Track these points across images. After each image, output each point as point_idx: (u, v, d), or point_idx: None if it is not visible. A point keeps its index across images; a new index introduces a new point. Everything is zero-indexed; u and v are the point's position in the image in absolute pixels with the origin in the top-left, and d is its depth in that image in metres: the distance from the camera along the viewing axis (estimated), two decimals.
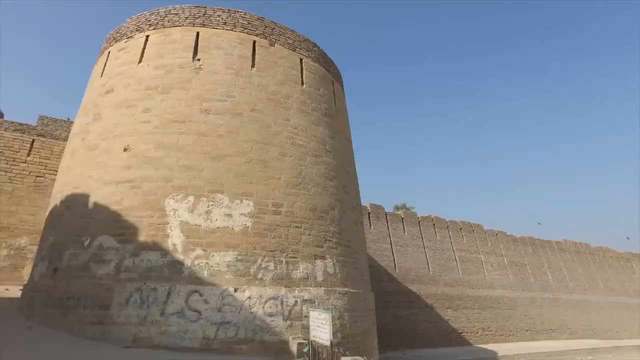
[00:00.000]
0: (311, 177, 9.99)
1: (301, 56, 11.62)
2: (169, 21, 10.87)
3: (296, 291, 8.60)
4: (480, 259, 25.46)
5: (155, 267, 8.05)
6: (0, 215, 14.37)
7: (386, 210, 23.35)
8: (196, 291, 7.87)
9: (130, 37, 11.15)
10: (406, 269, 21.68)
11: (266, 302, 8.20)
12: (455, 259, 24.32)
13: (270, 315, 8.12)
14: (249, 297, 8.10)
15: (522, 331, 24.41)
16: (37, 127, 15.78)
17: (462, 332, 21.83)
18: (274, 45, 11.10)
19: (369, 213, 22.10)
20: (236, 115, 9.61)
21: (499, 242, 27.49)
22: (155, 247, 8.23)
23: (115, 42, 11.62)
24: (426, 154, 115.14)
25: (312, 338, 7.62)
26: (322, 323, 7.42)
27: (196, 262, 8.15)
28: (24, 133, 15.48)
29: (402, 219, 23.74)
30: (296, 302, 8.49)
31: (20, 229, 14.47)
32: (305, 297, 8.65)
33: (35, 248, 13.20)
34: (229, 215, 8.66)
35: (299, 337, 8.16)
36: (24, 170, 15.09)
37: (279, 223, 9.03)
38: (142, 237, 8.35)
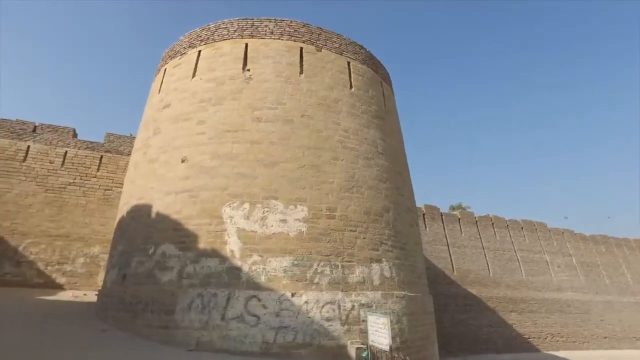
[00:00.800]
0: (364, 180, 9.90)
1: (348, 59, 11.59)
2: (218, 35, 11.27)
3: (353, 295, 8.51)
4: (545, 260, 23.97)
5: (215, 273, 8.29)
6: (76, 226, 15.54)
7: (441, 210, 22.68)
8: (254, 296, 8.00)
9: (184, 53, 11.68)
10: (465, 271, 20.89)
11: (323, 306, 8.18)
12: (518, 259, 23.08)
13: (328, 319, 8.09)
14: (306, 302, 8.11)
15: (599, 338, 22.62)
16: (104, 144, 16.95)
17: (528, 338, 20.63)
18: (321, 51, 11.16)
19: (423, 214, 21.58)
20: (287, 121, 9.74)
21: (566, 241, 25.73)
22: (214, 253, 8.49)
23: (170, 59, 12.23)
24: (479, 150, 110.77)
25: (370, 343, 7.50)
26: (381, 327, 7.29)
27: (253, 267, 8.29)
28: (93, 150, 16.69)
29: (459, 219, 22.94)
30: (353, 306, 8.41)
31: (93, 239, 15.58)
32: (363, 301, 8.54)
33: (106, 256, 14.15)
34: (284, 221, 8.75)
35: (357, 341, 8.06)
36: (94, 184, 16.25)
37: (334, 227, 9.01)
38: (202, 245, 8.64)
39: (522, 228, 24.66)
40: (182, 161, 9.61)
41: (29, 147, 16.13)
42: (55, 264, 15.10)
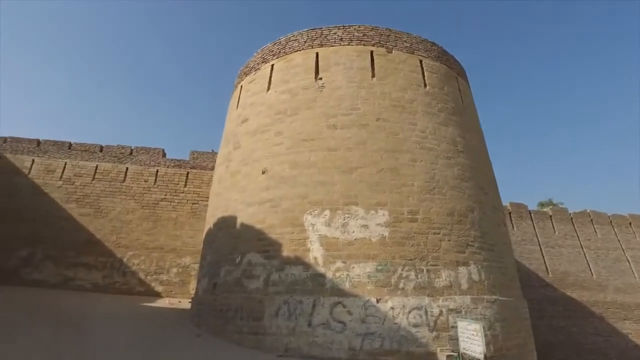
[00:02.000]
0: (445, 180, 9.53)
1: (420, 57, 11.30)
2: (289, 48, 11.60)
3: (440, 300, 8.17)
4: None
5: (299, 281, 8.44)
6: (169, 239, 16.84)
7: (529, 208, 21.10)
8: (339, 303, 8.01)
9: (258, 68, 12.19)
10: (562, 273, 19.16)
11: (409, 312, 7.96)
12: (627, 259, 20.64)
13: (415, 325, 7.84)
14: (392, 308, 7.95)
15: None
16: (189, 161, 18.24)
17: None
18: (391, 52, 11.01)
19: (509, 213, 20.23)
20: (362, 126, 9.71)
21: None
22: (297, 261, 8.65)
23: (246, 75, 12.84)
24: (566, 140, 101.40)
25: (462, 350, 7.14)
26: (473, 334, 6.91)
27: (337, 274, 8.31)
28: (180, 168, 18.03)
29: (550, 216, 21.15)
30: (441, 311, 8.06)
31: (184, 250, 16.76)
32: (451, 307, 8.16)
33: (196, 266, 15.12)
34: (365, 226, 8.69)
35: (447, 348, 7.70)
36: (182, 199, 17.53)
37: (417, 230, 8.76)
38: (285, 253, 8.85)
39: (630, 223, 22.05)
40: (263, 172, 9.98)
41: (127, 168, 17.86)
42: (153, 273, 16.48)
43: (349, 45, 11.02)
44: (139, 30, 54.08)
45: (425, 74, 10.99)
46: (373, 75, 10.50)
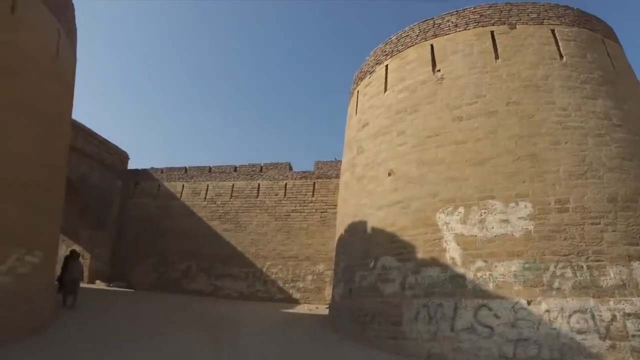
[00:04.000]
0: (599, 161, 8.19)
1: (551, 26, 9.94)
2: (402, 44, 11.34)
3: (611, 302, 6.95)
4: None
5: (437, 283, 8.11)
6: (302, 248, 17.78)
7: None
8: (484, 305, 7.48)
9: (372, 71, 12.18)
10: None
11: (570, 316, 6.96)
12: None
13: (580, 332, 6.80)
14: (547, 311, 7.09)
15: None
16: (315, 172, 19.06)
17: None
18: (515, 28, 9.96)
19: None
20: (490, 114, 8.96)
21: None
22: (434, 263, 8.33)
23: (360, 80, 12.94)
24: None
25: None
26: None
27: (478, 274, 7.78)
28: (307, 179, 18.96)
29: None
30: (614, 316, 6.83)
31: (317, 258, 17.54)
32: (627, 310, 6.86)
33: (330, 272, 15.62)
34: (506, 221, 7.96)
35: None
36: (311, 209, 18.40)
37: (568, 221, 7.69)
38: (420, 255, 8.60)
39: None
40: (389, 174, 9.89)
41: (259, 184, 19.43)
42: (290, 281, 17.57)
43: (465, 30, 10.31)
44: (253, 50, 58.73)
45: (560, 43, 9.64)
46: (497, 57, 9.62)
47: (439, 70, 10.05)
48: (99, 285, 17.85)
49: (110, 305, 12.55)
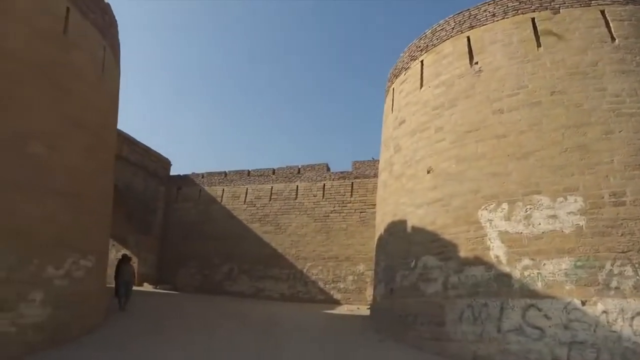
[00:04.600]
0: None
1: (601, 7, 9.21)
2: (437, 39, 11.05)
3: None
4: None
5: (482, 282, 7.81)
6: (342, 248, 17.74)
7: None
8: (532, 305, 7.11)
9: (407, 67, 11.96)
10: None
11: (633, 318, 6.42)
12: None
13: None
14: (604, 312, 6.60)
15: None
16: (352, 172, 18.97)
17: None
18: (558, 12, 9.38)
19: None
20: (534, 105, 8.50)
21: None
22: (477, 261, 8.03)
23: (396, 77, 12.74)
24: None
25: None
26: None
27: (525, 273, 7.41)
28: (345, 179, 18.89)
29: None
30: None
31: (357, 258, 17.42)
32: None
33: (370, 273, 15.46)
34: (554, 217, 7.52)
35: None
36: (350, 209, 18.32)
37: (625, 216, 7.13)
38: (463, 253, 8.33)
39: None
40: (428, 172, 9.67)
41: (297, 186, 19.55)
42: (330, 282, 17.55)
43: (503, 19, 9.86)
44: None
45: (612, 24, 8.94)
46: (538, 45, 9.11)
47: (476, 63, 9.68)
48: (147, 287, 18.59)
49: (157, 307, 13.08)
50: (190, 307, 13.51)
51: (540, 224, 7.58)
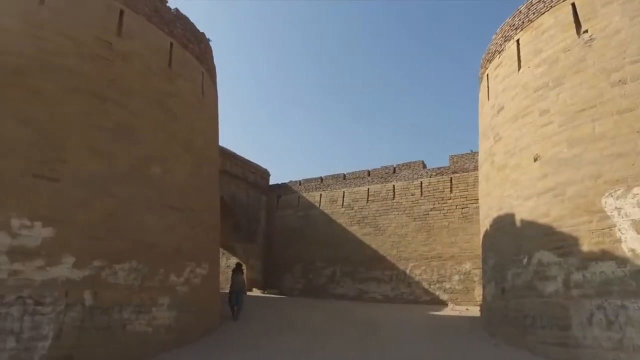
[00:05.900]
0: None
1: None
2: (533, 13, 9.98)
3: None
4: None
5: (614, 280, 6.76)
6: (445, 247, 16.96)
7: None
8: None
9: (501, 50, 11.03)
10: None
11: None
12: None
13: None
14: None
15: None
16: (450, 167, 18.09)
17: None
18: None
19: None
20: None
21: None
22: (605, 256, 6.99)
23: (489, 62, 11.83)
24: None
25: None
26: None
27: None
28: (442, 175, 18.10)
29: None
30: None
31: (462, 256, 16.52)
32: None
33: (478, 271, 14.54)
34: None
35: None
36: (451, 205, 17.46)
37: None
38: (585, 247, 7.33)
39: None
40: (535, 160, 8.76)
41: (394, 186, 19.22)
42: (435, 282, 16.89)
43: None
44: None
45: None
46: None
47: (586, 31, 8.47)
48: (255, 292, 19.79)
49: (266, 310, 13.79)
50: (296, 310, 14.02)
51: None
